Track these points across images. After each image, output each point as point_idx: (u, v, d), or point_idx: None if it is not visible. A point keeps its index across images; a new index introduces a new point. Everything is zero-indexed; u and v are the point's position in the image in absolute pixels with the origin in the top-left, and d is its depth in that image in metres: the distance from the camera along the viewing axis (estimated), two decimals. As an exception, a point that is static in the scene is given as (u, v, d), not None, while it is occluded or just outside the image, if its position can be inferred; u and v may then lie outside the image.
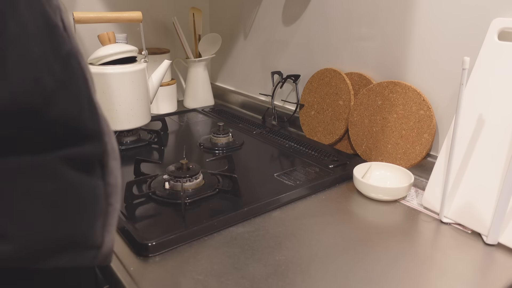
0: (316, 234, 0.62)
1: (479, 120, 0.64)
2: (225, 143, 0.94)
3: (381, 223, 0.65)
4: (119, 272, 0.53)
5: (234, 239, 0.60)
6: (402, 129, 0.80)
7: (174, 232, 0.59)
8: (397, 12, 0.82)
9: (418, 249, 0.58)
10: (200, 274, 0.53)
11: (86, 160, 0.36)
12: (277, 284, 0.51)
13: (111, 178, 0.38)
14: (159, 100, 1.21)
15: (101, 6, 1.15)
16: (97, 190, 0.37)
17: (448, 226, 0.64)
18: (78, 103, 0.35)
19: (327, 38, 0.98)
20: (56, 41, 0.33)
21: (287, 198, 0.70)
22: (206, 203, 0.67)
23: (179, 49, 1.35)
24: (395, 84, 0.81)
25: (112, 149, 0.38)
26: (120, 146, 0.91)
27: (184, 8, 1.32)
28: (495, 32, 0.65)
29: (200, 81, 1.26)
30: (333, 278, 0.52)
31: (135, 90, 0.90)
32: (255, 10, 1.18)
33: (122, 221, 0.62)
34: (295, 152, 0.90)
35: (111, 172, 0.38)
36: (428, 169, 0.79)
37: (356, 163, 0.81)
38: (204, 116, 1.18)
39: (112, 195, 0.38)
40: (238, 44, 1.28)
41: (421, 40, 0.79)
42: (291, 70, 1.10)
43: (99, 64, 0.87)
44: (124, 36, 1.07)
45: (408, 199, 0.72)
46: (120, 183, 0.41)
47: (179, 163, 0.73)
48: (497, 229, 0.59)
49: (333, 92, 0.94)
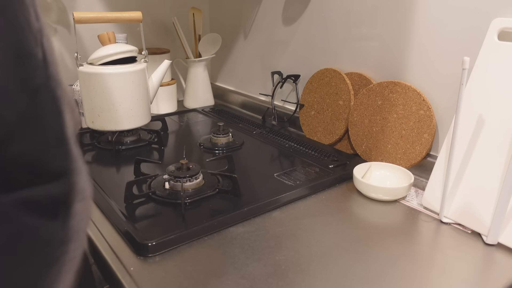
0: (316, 234, 0.62)
1: (479, 120, 0.64)
2: (225, 143, 0.94)
3: (381, 223, 0.65)
4: (119, 272, 0.53)
5: (234, 239, 0.60)
6: (402, 129, 0.80)
7: (174, 232, 0.59)
8: (397, 12, 0.82)
9: (418, 249, 0.58)
10: (200, 274, 0.53)
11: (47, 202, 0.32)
12: (277, 284, 0.51)
13: (72, 222, 0.34)
14: (159, 100, 1.21)
15: (101, 6, 1.15)
16: (54, 235, 0.33)
17: (448, 226, 0.64)
18: (43, 140, 0.32)
19: (327, 38, 0.98)
20: (26, 72, 0.31)
21: (287, 198, 0.70)
22: (206, 203, 0.67)
23: (179, 49, 1.35)
24: (395, 84, 0.81)
25: (80, 189, 0.35)
26: (120, 146, 0.91)
27: (184, 8, 1.32)
28: (495, 32, 0.65)
29: (200, 81, 1.26)
30: (333, 278, 0.52)
31: (135, 90, 0.90)
32: (255, 10, 1.18)
33: (122, 221, 0.62)
34: (295, 152, 0.90)
35: (74, 215, 0.35)
36: (428, 169, 0.79)
37: (356, 163, 0.81)
38: (204, 116, 1.19)
39: (71, 241, 0.34)
40: (238, 44, 1.28)
41: (421, 40, 0.79)
42: (291, 70, 1.10)
43: (99, 64, 0.87)
44: (124, 36, 1.07)
45: (408, 199, 0.72)
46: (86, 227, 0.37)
47: (179, 163, 0.73)
48: (497, 229, 0.59)
49: (333, 92, 0.94)
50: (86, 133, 0.97)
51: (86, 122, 0.92)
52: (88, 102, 0.89)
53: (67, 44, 1.13)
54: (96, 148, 0.92)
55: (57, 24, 1.10)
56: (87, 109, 0.90)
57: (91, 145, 0.94)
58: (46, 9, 1.07)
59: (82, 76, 0.87)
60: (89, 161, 0.85)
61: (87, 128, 0.95)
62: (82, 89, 0.89)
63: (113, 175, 0.79)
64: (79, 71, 0.87)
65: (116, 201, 0.68)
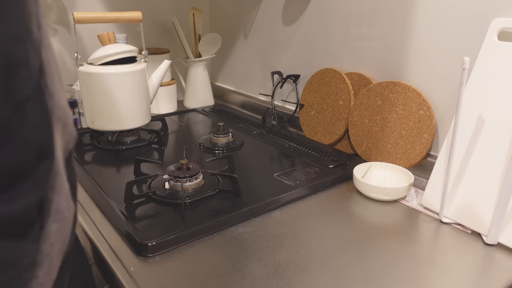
0: (316, 234, 0.62)
1: (479, 120, 0.64)
2: (225, 143, 0.94)
3: (381, 223, 0.65)
4: (119, 272, 0.53)
5: (234, 239, 0.60)
6: (402, 129, 0.80)
7: (174, 232, 0.59)
8: (397, 12, 0.82)
9: (418, 249, 0.58)
10: (200, 274, 0.53)
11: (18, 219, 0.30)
12: (277, 284, 0.51)
13: (44, 245, 0.32)
14: (159, 100, 1.21)
15: (101, 6, 1.15)
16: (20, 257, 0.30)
17: (448, 226, 0.64)
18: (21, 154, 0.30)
19: (327, 38, 0.98)
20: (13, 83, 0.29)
21: (287, 198, 0.70)
22: (206, 203, 0.67)
23: (179, 49, 1.35)
24: (395, 84, 0.81)
25: (55, 209, 0.33)
26: (120, 146, 0.91)
27: (184, 8, 1.32)
28: (495, 32, 0.65)
29: (200, 81, 1.26)
30: (333, 277, 0.52)
31: (135, 90, 0.90)
32: (255, 10, 1.18)
33: (122, 221, 0.62)
34: (295, 152, 0.90)
35: (47, 237, 0.32)
36: (428, 169, 0.79)
37: (356, 163, 0.81)
38: (204, 116, 1.19)
39: (41, 265, 0.32)
40: (238, 44, 1.28)
41: (421, 40, 0.79)
42: (291, 70, 1.10)
43: (99, 64, 0.87)
44: (124, 36, 1.07)
45: (408, 199, 0.72)
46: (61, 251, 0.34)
47: (179, 163, 0.73)
48: (497, 229, 0.59)
49: (333, 92, 0.94)
50: (86, 133, 0.97)
51: (86, 122, 0.92)
52: (88, 102, 0.89)
53: (67, 44, 1.13)
54: (96, 148, 0.92)
55: (57, 24, 1.10)
56: (87, 109, 0.90)
57: (91, 145, 0.94)
58: (46, 9, 1.08)
59: (82, 76, 0.87)
60: (89, 161, 0.85)
61: (87, 128, 0.95)
62: (82, 89, 0.89)
63: (113, 175, 0.79)
64: (79, 71, 0.87)
65: (116, 201, 0.68)
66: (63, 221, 0.34)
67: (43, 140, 0.32)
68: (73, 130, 0.38)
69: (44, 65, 0.32)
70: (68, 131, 0.37)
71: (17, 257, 0.30)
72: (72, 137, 0.38)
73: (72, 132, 0.38)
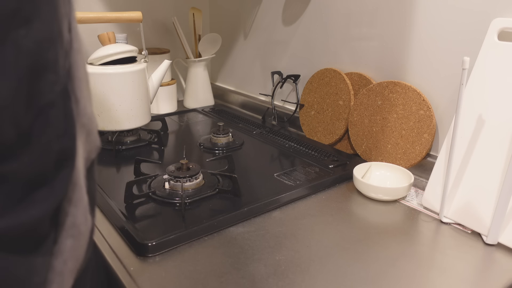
0: (316, 234, 0.62)
1: (479, 120, 0.64)
2: (225, 143, 0.94)
3: (381, 223, 0.65)
4: (119, 272, 0.53)
5: (234, 239, 0.60)
6: (402, 129, 0.80)
7: (174, 232, 0.59)
8: (397, 12, 0.82)
9: (418, 249, 0.58)
10: (200, 274, 0.53)
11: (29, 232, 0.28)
12: (277, 284, 0.51)
13: (57, 262, 0.29)
14: (159, 100, 1.21)
15: (101, 6, 1.15)
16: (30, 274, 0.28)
17: (448, 226, 0.64)
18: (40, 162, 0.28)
19: (327, 38, 0.98)
20: (38, 87, 0.27)
21: (287, 198, 0.70)
22: (206, 203, 0.67)
23: (179, 49, 1.35)
24: (395, 84, 0.81)
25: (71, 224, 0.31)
26: (120, 146, 0.91)
27: (184, 8, 1.32)
28: (495, 32, 0.65)
29: (200, 81, 1.26)
30: (333, 277, 0.52)
31: (135, 90, 0.90)
32: (255, 10, 1.18)
33: (122, 221, 0.62)
34: (295, 152, 0.90)
35: (60, 253, 0.30)
36: (428, 169, 0.79)
37: (356, 163, 0.81)
38: (204, 116, 1.19)
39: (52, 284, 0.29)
40: (238, 44, 1.28)
41: (421, 40, 0.79)
42: (291, 70, 1.10)
43: (99, 64, 0.87)
44: (124, 36, 1.07)
45: (408, 199, 0.72)
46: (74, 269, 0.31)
47: (179, 163, 0.73)
48: (497, 229, 0.59)
49: (333, 92, 0.94)
50: (86, 133, 0.97)
51: (86, 122, 0.92)
52: (88, 102, 0.89)
53: (67, 44, 1.12)
54: (96, 148, 0.92)
55: (57, 24, 1.10)
56: (87, 109, 0.90)
57: (91, 145, 0.93)
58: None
59: (82, 76, 0.87)
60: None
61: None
62: (82, 89, 0.89)
63: (113, 175, 0.79)
64: (79, 71, 0.87)
65: (116, 201, 0.68)
66: (79, 237, 0.32)
67: (65, 148, 0.30)
68: (97, 138, 0.36)
69: (72, 69, 0.30)
70: (91, 139, 0.35)
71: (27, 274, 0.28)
72: (95, 146, 0.36)
73: (96, 140, 0.36)
